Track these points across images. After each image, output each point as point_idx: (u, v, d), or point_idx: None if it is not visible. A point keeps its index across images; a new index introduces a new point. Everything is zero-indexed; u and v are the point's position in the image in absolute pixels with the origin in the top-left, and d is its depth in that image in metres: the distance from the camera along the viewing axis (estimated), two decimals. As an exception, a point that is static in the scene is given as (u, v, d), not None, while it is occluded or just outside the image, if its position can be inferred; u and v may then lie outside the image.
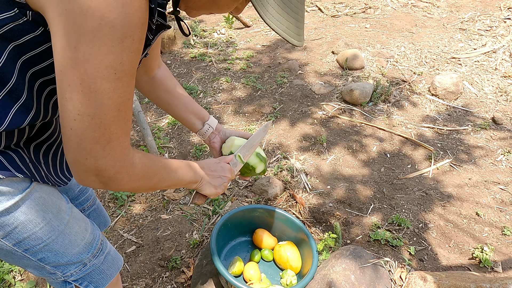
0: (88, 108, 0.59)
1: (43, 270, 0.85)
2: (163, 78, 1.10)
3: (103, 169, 0.65)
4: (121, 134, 0.64)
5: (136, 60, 0.61)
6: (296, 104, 2.99)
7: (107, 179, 0.67)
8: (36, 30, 0.62)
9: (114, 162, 0.65)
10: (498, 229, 1.92)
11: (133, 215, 2.01)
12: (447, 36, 3.93)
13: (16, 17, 0.60)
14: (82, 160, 0.63)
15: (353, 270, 1.43)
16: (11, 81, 0.65)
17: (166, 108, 1.14)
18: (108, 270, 0.95)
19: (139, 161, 0.72)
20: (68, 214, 0.86)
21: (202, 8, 0.77)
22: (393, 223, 1.94)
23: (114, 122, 0.62)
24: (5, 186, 0.72)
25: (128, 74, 0.60)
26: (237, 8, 0.79)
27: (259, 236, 1.64)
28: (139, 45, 0.60)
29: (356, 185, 2.21)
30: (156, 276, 1.69)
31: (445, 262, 1.75)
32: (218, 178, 1.04)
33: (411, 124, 2.74)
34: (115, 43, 0.56)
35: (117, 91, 0.60)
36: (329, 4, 5.01)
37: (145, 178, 0.75)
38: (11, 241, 0.77)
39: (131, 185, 0.73)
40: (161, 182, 0.81)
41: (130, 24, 0.56)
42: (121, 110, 0.62)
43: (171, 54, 3.87)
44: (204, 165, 1.01)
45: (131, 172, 0.70)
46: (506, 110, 2.86)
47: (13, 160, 0.74)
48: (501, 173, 2.29)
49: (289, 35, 0.68)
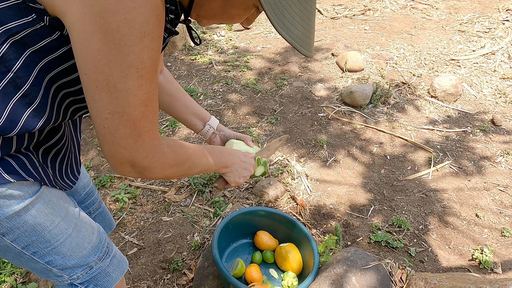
0: (117, 107, 0.62)
1: (50, 273, 0.86)
2: (164, 82, 1.12)
3: (137, 160, 0.69)
4: (150, 127, 0.68)
5: (156, 57, 0.62)
6: (296, 106, 3.00)
7: (141, 169, 0.72)
8: (53, 34, 0.63)
9: (146, 153, 0.70)
10: (497, 230, 1.93)
11: (134, 218, 2.02)
12: (446, 38, 3.95)
13: (34, 22, 0.61)
14: (117, 154, 0.67)
15: (354, 272, 1.44)
16: (25, 86, 0.66)
17: (168, 111, 1.17)
18: (114, 272, 0.96)
19: (169, 150, 0.77)
20: (76, 218, 0.87)
21: (213, 17, 0.78)
22: (394, 225, 1.95)
23: (143, 117, 0.65)
24: (15, 189, 0.73)
25: (150, 71, 0.62)
26: (248, 19, 0.80)
27: (260, 238, 1.65)
28: (158, 43, 0.62)
29: (356, 187, 2.22)
30: (157, 278, 1.70)
31: (445, 264, 1.76)
32: (245, 169, 1.09)
33: (411, 126, 2.76)
34: (135, 43, 0.57)
35: (142, 88, 0.62)
36: (328, 6, 5.02)
37: (176, 165, 0.80)
38: (20, 244, 0.78)
39: (163, 173, 0.77)
40: (192, 168, 0.87)
41: (148, 23, 0.57)
42: (148, 105, 0.65)
43: (171, 56, 3.88)
44: (235, 153, 1.07)
45: (162, 161, 0.75)
46: (505, 111, 2.87)
47: (24, 164, 0.74)
48: (500, 175, 2.30)
49: (300, 44, 0.69)
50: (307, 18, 0.70)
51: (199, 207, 2.07)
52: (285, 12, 0.66)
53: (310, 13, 0.71)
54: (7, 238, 0.76)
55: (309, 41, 0.72)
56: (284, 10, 0.65)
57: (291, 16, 0.66)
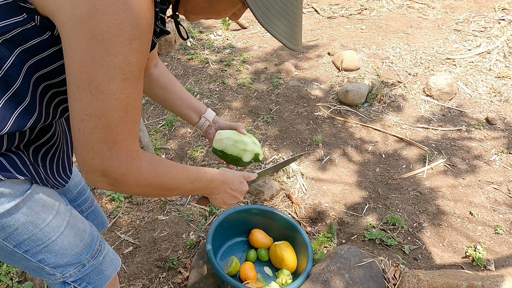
0: (95, 109, 0.60)
1: (42, 271, 0.86)
2: (158, 75, 1.12)
3: (109, 170, 0.66)
4: (128, 135, 0.66)
5: (143, 61, 0.62)
6: (292, 105, 3.01)
7: (113, 181, 0.68)
8: (44, 34, 0.64)
9: (119, 163, 0.66)
10: (491, 228, 1.95)
11: (130, 217, 2.03)
12: (442, 37, 3.96)
13: (25, 22, 0.62)
14: (89, 160, 0.65)
15: (348, 269, 1.45)
16: (16, 85, 0.66)
17: (164, 104, 1.17)
18: (106, 270, 0.96)
19: (149, 166, 0.72)
20: (68, 216, 0.87)
21: (200, 12, 0.79)
22: (388, 223, 1.96)
23: (121, 123, 0.63)
24: (6, 188, 0.73)
25: (136, 75, 0.62)
26: (235, 14, 0.81)
27: (255, 236, 1.66)
28: (147, 47, 0.62)
29: (351, 186, 2.23)
30: (153, 276, 1.71)
31: (439, 261, 1.77)
32: (232, 197, 1.05)
33: (406, 125, 2.77)
34: (124, 45, 0.57)
35: (125, 91, 0.61)
36: (325, 6, 5.03)
37: (154, 185, 0.75)
38: (12, 243, 0.79)
39: (138, 189, 0.73)
40: (172, 191, 0.82)
41: (139, 26, 0.58)
42: (128, 111, 0.63)
43: (168, 55, 3.88)
44: (228, 181, 1.01)
45: (137, 175, 0.70)
46: (499, 110, 2.89)
47: (14, 162, 0.75)
48: (494, 172, 2.32)
49: (286, 39, 0.69)
50: (292, 12, 0.70)
51: (194, 206, 2.08)
52: (270, 6, 0.66)
53: (296, 7, 0.71)
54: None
55: (295, 35, 0.72)
56: (268, 4, 0.65)
57: (275, 10, 0.66)
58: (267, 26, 0.65)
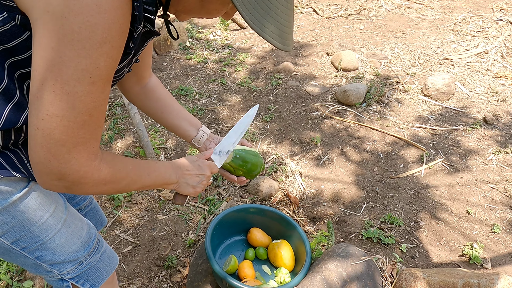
0: (57, 109, 0.58)
1: (40, 268, 0.87)
2: (154, 87, 1.10)
3: (67, 173, 0.64)
4: (90, 139, 0.64)
5: (113, 66, 0.61)
6: (291, 105, 3.03)
7: (70, 184, 0.66)
8: (23, 34, 0.63)
9: (79, 167, 0.64)
10: (488, 227, 1.96)
11: (129, 216, 2.04)
12: (440, 37, 3.98)
13: (5, 21, 0.61)
14: (45, 162, 0.62)
15: (345, 267, 1.46)
16: (4, 82, 0.66)
17: (159, 117, 1.12)
18: (104, 268, 0.97)
19: (106, 165, 0.71)
20: (65, 213, 0.88)
21: (191, 12, 0.78)
22: (386, 222, 1.97)
23: (84, 126, 0.62)
24: (3, 185, 0.74)
25: (104, 80, 0.61)
26: (227, 13, 0.80)
27: (253, 235, 1.67)
28: (118, 52, 0.61)
29: (349, 185, 2.24)
30: (152, 275, 1.72)
31: (436, 259, 1.78)
32: (195, 176, 1.00)
33: (404, 125, 2.78)
34: (94, 47, 0.57)
35: (91, 95, 0.60)
36: (324, 6, 5.05)
37: (112, 182, 0.73)
38: (9, 240, 0.79)
39: (96, 189, 0.71)
40: (130, 185, 0.80)
41: (111, 31, 0.57)
42: (93, 115, 0.62)
43: (167, 56, 3.89)
44: (181, 165, 0.98)
45: (96, 177, 0.69)
46: (497, 110, 2.90)
47: (11, 160, 0.75)
48: (491, 172, 2.33)
49: (274, 39, 0.68)
50: (282, 12, 0.69)
51: (193, 205, 2.09)
52: (258, 7, 0.65)
53: (286, 7, 0.70)
54: None
55: (285, 35, 0.71)
56: (256, 4, 0.64)
57: (264, 11, 0.65)
58: (254, 26, 0.64)
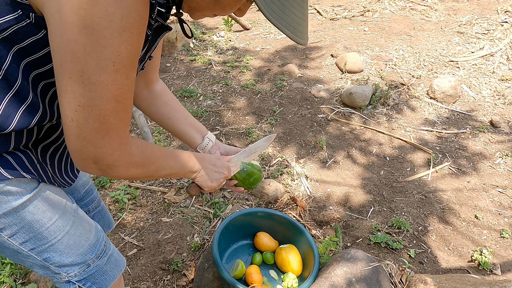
0: (88, 100, 0.61)
1: (48, 270, 0.87)
2: (162, 91, 1.11)
3: (102, 157, 0.67)
4: (120, 124, 0.67)
5: (135, 53, 0.62)
6: (296, 107, 3.01)
7: (105, 167, 0.69)
8: (39, 32, 0.63)
9: (112, 150, 0.68)
10: (496, 232, 1.94)
11: (134, 218, 2.02)
12: (445, 39, 3.96)
13: (20, 19, 0.61)
14: (82, 149, 0.65)
15: (354, 273, 1.44)
16: (17, 82, 0.67)
17: (166, 122, 1.13)
18: (111, 271, 0.96)
19: (137, 149, 0.75)
20: (74, 215, 0.87)
21: (205, 9, 0.77)
22: (393, 226, 1.95)
23: (113, 113, 0.64)
24: (13, 186, 0.73)
25: (127, 66, 0.62)
26: (240, 9, 0.79)
27: (260, 239, 1.65)
28: (138, 38, 0.61)
29: (356, 188, 2.22)
30: (157, 279, 1.70)
31: (444, 265, 1.76)
32: (216, 172, 1.05)
33: (410, 128, 2.76)
34: (114, 36, 0.57)
35: (116, 82, 0.61)
36: (328, 7, 5.03)
37: (143, 165, 0.77)
38: (18, 241, 0.79)
39: (128, 173, 0.75)
40: (159, 170, 0.84)
41: (129, 18, 0.57)
42: (120, 102, 0.64)
43: (170, 57, 3.88)
44: (206, 158, 1.03)
45: (128, 160, 0.73)
46: (503, 113, 2.88)
47: (22, 160, 0.75)
48: (499, 176, 2.31)
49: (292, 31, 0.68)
50: (298, 5, 0.69)
51: (199, 208, 2.07)
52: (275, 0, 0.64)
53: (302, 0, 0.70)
54: (5, 234, 0.77)
55: (301, 29, 0.71)
56: None
57: (281, 3, 0.65)
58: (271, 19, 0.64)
